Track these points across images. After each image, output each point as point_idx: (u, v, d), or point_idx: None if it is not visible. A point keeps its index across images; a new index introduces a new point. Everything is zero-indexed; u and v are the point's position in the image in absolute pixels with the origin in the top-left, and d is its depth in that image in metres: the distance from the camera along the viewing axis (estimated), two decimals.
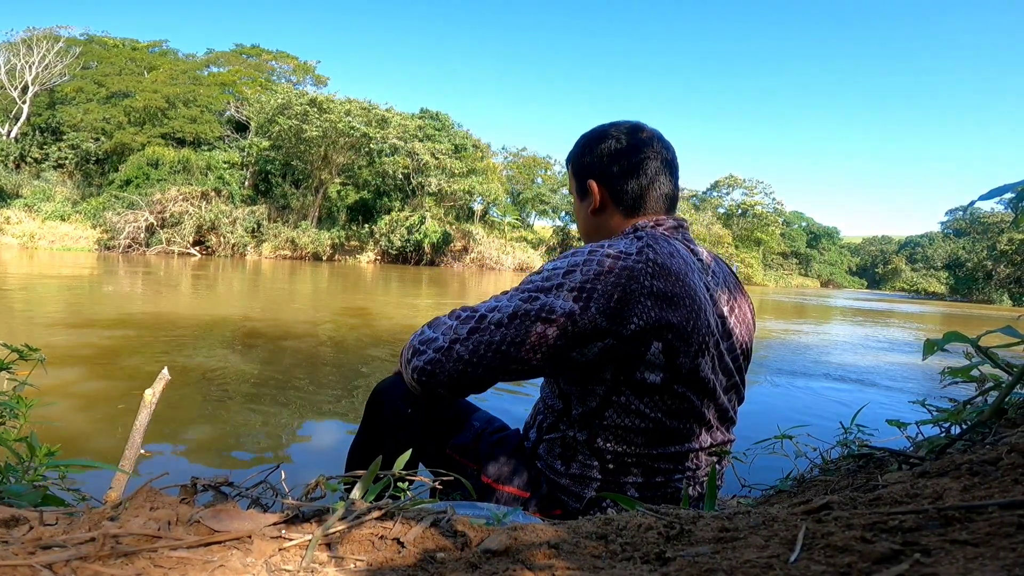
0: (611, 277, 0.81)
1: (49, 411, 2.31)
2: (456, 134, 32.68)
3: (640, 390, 0.87)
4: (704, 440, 0.94)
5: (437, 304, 9.58)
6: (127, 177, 24.05)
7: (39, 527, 0.47)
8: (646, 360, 0.85)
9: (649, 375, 0.85)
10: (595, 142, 1.02)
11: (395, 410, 1.10)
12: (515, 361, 0.82)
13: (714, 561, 0.44)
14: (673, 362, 0.85)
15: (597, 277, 0.81)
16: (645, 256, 0.84)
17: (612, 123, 1.04)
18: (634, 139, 1.00)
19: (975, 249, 51.23)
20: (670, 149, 1.02)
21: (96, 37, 33.04)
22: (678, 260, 0.88)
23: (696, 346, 0.86)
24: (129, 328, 4.87)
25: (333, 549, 0.49)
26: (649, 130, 1.02)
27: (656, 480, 0.93)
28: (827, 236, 67.22)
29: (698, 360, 0.87)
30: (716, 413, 0.95)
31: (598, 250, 0.85)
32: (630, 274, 0.82)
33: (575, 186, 1.07)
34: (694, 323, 0.85)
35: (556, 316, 0.80)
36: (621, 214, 1.00)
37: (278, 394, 3.04)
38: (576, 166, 1.05)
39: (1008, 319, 1.09)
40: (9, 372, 0.96)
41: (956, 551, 0.40)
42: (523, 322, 0.81)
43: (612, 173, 0.99)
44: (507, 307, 0.83)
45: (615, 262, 0.83)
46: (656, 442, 0.91)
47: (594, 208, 1.01)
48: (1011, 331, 0.74)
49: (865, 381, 4.73)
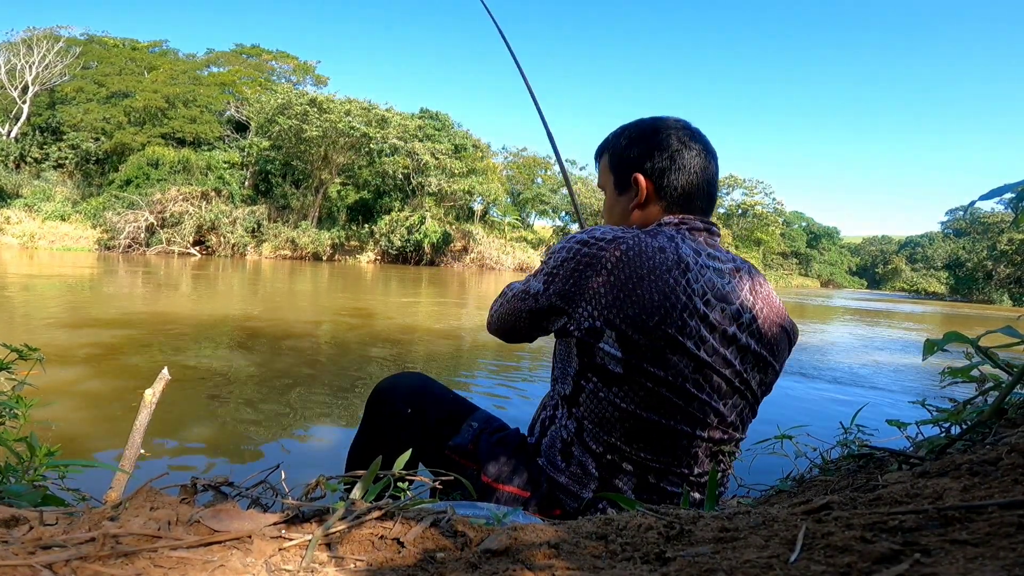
0: (571, 263, 0.90)
1: (49, 411, 2.32)
2: (456, 134, 32.67)
3: (605, 378, 0.89)
4: (697, 442, 0.92)
5: (438, 304, 9.58)
6: (127, 177, 24.06)
7: (39, 527, 0.48)
8: (601, 347, 0.88)
9: (610, 364, 0.88)
10: (643, 135, 1.01)
11: (395, 410, 1.10)
12: (515, 325, 1.02)
13: (714, 561, 0.44)
14: (631, 355, 0.86)
15: (562, 263, 0.91)
16: (615, 246, 0.87)
17: (653, 117, 1.04)
18: (681, 135, 1.00)
19: (975, 249, 51.23)
20: (709, 146, 1.02)
21: (96, 37, 33.06)
22: (664, 256, 0.87)
23: (662, 342, 0.86)
24: (129, 328, 4.87)
25: (333, 549, 0.49)
26: (690, 126, 1.02)
27: (649, 481, 0.93)
28: (827, 236, 67.22)
29: (668, 357, 0.86)
30: (709, 415, 0.92)
31: (573, 239, 0.93)
32: (589, 261, 0.88)
33: (612, 179, 1.05)
34: (658, 319, 0.85)
35: (531, 294, 0.96)
36: (662, 209, 1.00)
37: (278, 394, 3.04)
38: (618, 158, 1.04)
39: (1008, 319, 1.09)
40: (9, 372, 0.96)
41: (956, 551, 0.40)
42: (516, 299, 1.00)
43: (658, 168, 0.99)
44: (516, 288, 1.02)
45: (580, 248, 0.90)
46: (639, 437, 0.90)
47: (639, 203, 1.01)
48: (1011, 331, 0.74)
49: (865, 381, 4.73)
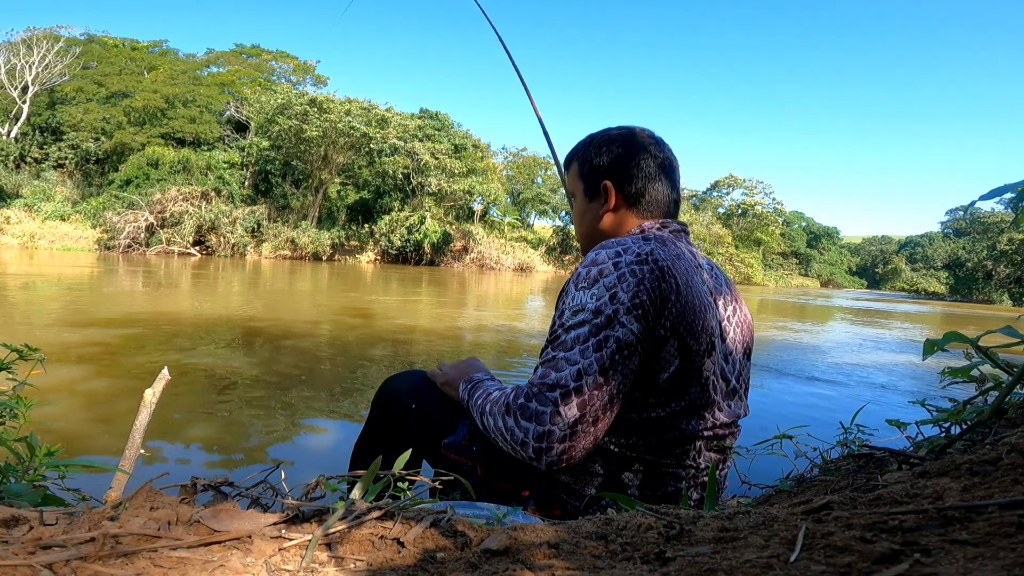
0: (645, 284, 0.83)
1: (49, 411, 2.32)
2: (456, 134, 32.68)
3: (650, 388, 0.88)
4: (706, 432, 0.95)
5: (438, 304, 9.58)
6: (127, 177, 24.05)
7: (39, 527, 0.48)
8: (663, 358, 0.87)
9: (662, 373, 0.87)
10: (609, 143, 1.05)
11: (401, 407, 1.11)
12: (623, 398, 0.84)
13: (714, 561, 0.44)
14: (684, 360, 0.88)
15: (637, 291, 0.83)
16: (657, 257, 0.86)
17: (620, 127, 1.08)
18: (646, 142, 1.04)
19: (975, 249, 51.20)
20: (673, 155, 1.06)
21: (96, 37, 33.07)
22: (683, 262, 0.91)
23: (704, 346, 0.89)
24: (129, 328, 4.87)
25: (333, 549, 0.49)
26: (655, 135, 1.07)
27: (657, 478, 0.93)
28: (827, 236, 67.21)
29: (704, 360, 0.90)
30: (718, 412, 0.95)
31: (619, 261, 0.85)
32: (658, 274, 0.84)
33: (583, 187, 1.08)
34: (702, 324, 0.88)
35: (633, 344, 0.82)
36: (634, 215, 1.03)
37: (278, 394, 3.04)
38: (587, 167, 1.07)
39: (1008, 319, 1.09)
40: (9, 372, 0.96)
41: (956, 551, 0.40)
42: (615, 369, 0.81)
43: (627, 175, 1.02)
44: (591, 365, 0.81)
45: (640, 267, 0.84)
46: (657, 439, 0.91)
47: (610, 208, 1.03)
48: (1011, 331, 0.74)
49: (865, 381, 4.73)
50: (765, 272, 48.63)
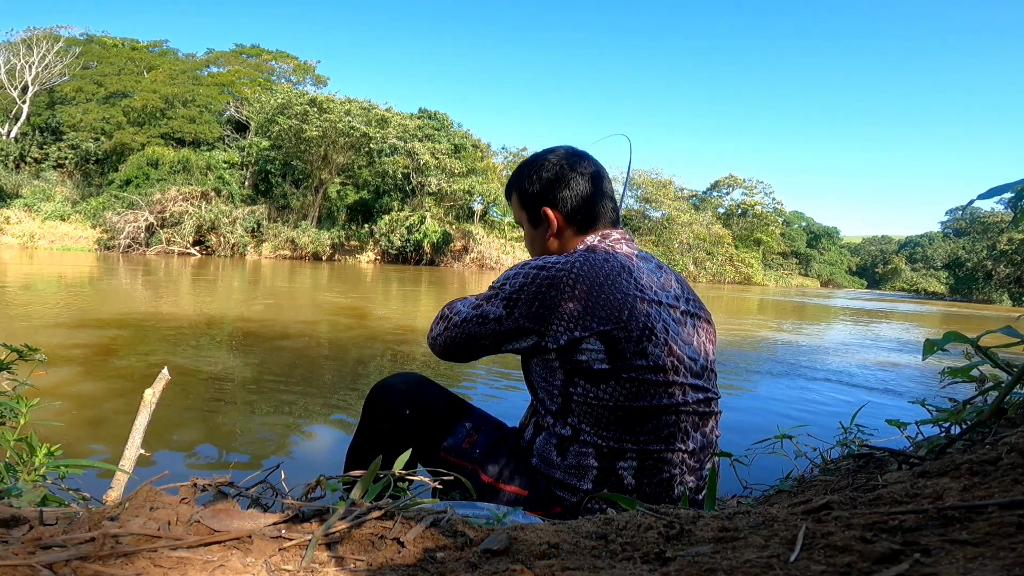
0: (533, 287, 0.96)
1: (49, 411, 2.31)
2: (455, 134, 32.68)
3: (592, 378, 0.94)
4: (683, 414, 0.97)
5: (438, 304, 9.58)
6: (127, 177, 24.05)
7: (39, 527, 0.48)
8: (583, 347, 0.93)
9: (595, 363, 0.93)
10: (539, 171, 1.10)
11: (393, 411, 1.10)
12: (470, 348, 1.05)
13: (714, 561, 0.44)
14: (616, 350, 0.93)
15: (522, 288, 0.97)
16: (570, 267, 0.96)
17: (546, 150, 1.14)
18: (572, 162, 1.10)
19: (975, 249, 51.19)
20: (599, 165, 1.12)
21: (96, 37, 33.07)
22: (610, 265, 0.98)
23: (637, 332, 0.94)
24: (129, 328, 4.87)
25: (333, 549, 0.49)
26: (581, 152, 1.12)
27: (650, 464, 0.95)
28: (827, 236, 67.21)
29: (643, 344, 0.94)
30: (686, 387, 0.97)
31: (528, 265, 0.99)
32: (551, 283, 0.95)
33: (526, 216, 1.14)
34: (629, 312, 0.94)
35: (491, 319, 0.99)
36: (576, 233, 1.09)
37: (278, 394, 3.04)
38: (525, 196, 1.13)
39: (1008, 319, 1.09)
40: (10, 372, 0.96)
41: (956, 551, 0.40)
42: (468, 324, 1.03)
43: (561, 197, 1.08)
44: (464, 312, 1.05)
45: (539, 272, 0.96)
46: (633, 424, 0.94)
47: (554, 232, 1.10)
48: (1011, 331, 0.74)
49: (865, 381, 4.73)
50: (765, 272, 48.62)
